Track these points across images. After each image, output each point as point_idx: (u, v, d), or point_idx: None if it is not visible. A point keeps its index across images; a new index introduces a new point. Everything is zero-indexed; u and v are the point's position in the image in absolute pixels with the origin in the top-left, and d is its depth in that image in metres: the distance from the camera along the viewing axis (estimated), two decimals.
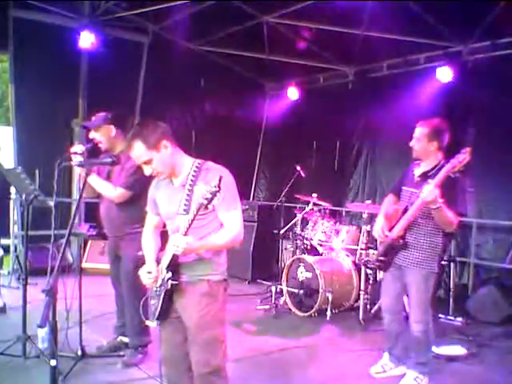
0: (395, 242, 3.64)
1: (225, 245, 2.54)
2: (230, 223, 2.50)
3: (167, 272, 2.48)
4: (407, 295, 3.83)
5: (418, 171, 3.70)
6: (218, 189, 2.24)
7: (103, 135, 3.86)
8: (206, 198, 2.25)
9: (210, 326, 2.51)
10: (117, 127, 3.90)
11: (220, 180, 2.24)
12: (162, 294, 2.50)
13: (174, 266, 2.47)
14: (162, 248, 2.67)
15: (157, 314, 2.54)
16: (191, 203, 2.41)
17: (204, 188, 2.27)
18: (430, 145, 3.58)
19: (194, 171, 2.50)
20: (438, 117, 3.77)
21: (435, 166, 3.57)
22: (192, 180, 2.47)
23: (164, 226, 2.74)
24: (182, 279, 2.51)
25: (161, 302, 2.51)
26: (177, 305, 2.56)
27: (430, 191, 3.22)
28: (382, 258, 3.77)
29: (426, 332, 3.65)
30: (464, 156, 3.25)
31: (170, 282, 2.46)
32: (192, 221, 2.34)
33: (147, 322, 2.62)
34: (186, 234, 2.36)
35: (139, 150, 2.47)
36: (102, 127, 3.85)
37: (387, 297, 3.91)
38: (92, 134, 3.89)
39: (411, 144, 3.67)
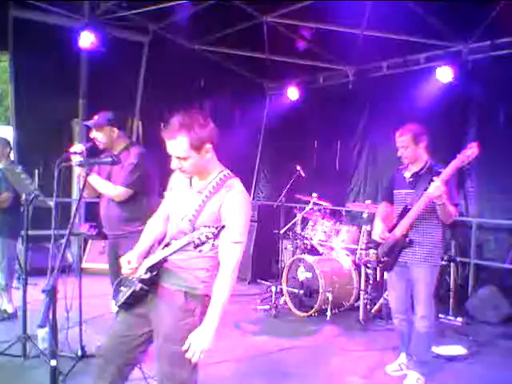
0: (400, 241, 3.71)
1: (230, 290, 2.23)
2: (228, 257, 2.23)
3: (145, 272, 2.33)
4: (411, 292, 3.86)
5: (407, 173, 3.83)
6: (213, 237, 2.07)
7: (105, 135, 3.81)
8: (199, 239, 2.08)
9: (182, 340, 2.20)
10: (117, 128, 3.87)
11: (219, 230, 2.08)
12: (130, 291, 2.35)
13: (157, 269, 2.33)
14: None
15: (120, 302, 2.40)
16: (198, 217, 2.25)
17: (205, 229, 2.09)
18: (417, 147, 3.73)
19: (217, 183, 2.30)
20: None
21: (424, 166, 3.77)
22: (210, 192, 2.28)
23: None
24: (160, 283, 2.36)
25: (127, 295, 2.36)
26: (151, 305, 2.37)
27: (436, 187, 3.35)
28: (385, 259, 3.83)
29: (430, 327, 3.71)
30: (472, 150, 3.36)
31: (139, 284, 2.31)
32: (178, 249, 2.23)
33: (111, 303, 2.50)
34: (167, 258, 2.26)
35: (181, 145, 2.20)
36: (105, 127, 3.79)
37: (395, 297, 3.93)
38: (93, 134, 3.84)
39: (400, 154, 3.79)
